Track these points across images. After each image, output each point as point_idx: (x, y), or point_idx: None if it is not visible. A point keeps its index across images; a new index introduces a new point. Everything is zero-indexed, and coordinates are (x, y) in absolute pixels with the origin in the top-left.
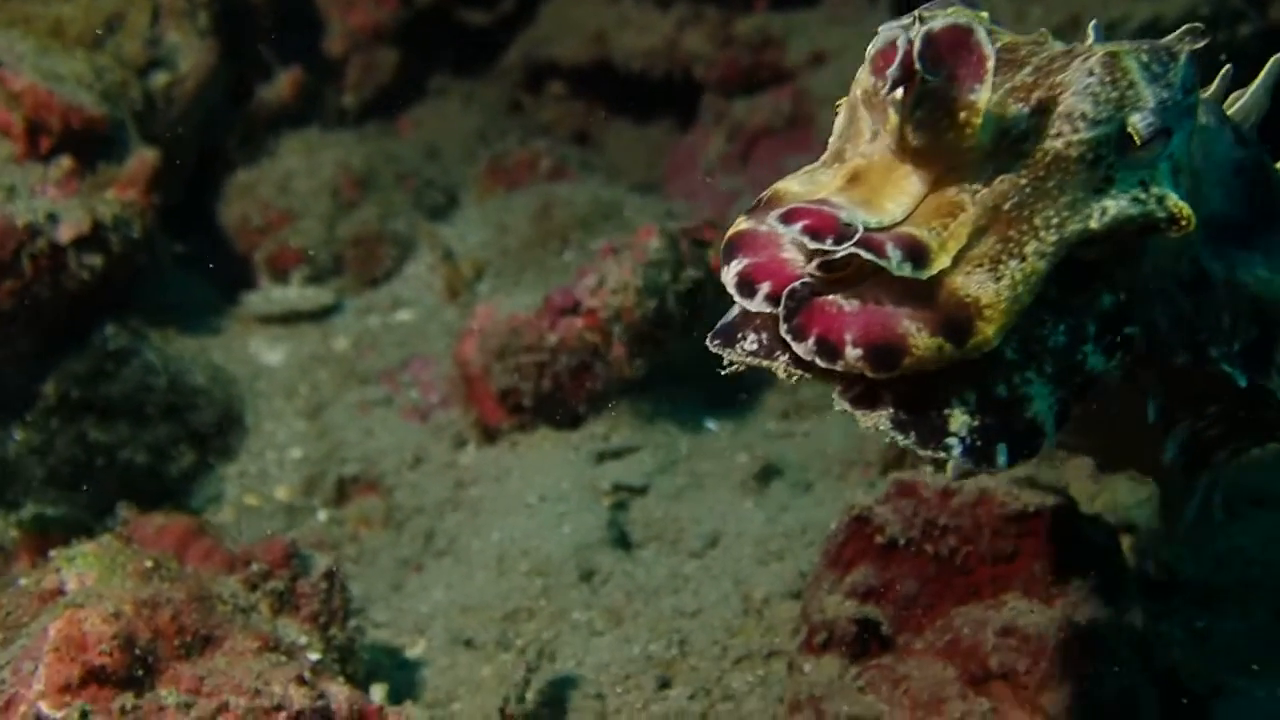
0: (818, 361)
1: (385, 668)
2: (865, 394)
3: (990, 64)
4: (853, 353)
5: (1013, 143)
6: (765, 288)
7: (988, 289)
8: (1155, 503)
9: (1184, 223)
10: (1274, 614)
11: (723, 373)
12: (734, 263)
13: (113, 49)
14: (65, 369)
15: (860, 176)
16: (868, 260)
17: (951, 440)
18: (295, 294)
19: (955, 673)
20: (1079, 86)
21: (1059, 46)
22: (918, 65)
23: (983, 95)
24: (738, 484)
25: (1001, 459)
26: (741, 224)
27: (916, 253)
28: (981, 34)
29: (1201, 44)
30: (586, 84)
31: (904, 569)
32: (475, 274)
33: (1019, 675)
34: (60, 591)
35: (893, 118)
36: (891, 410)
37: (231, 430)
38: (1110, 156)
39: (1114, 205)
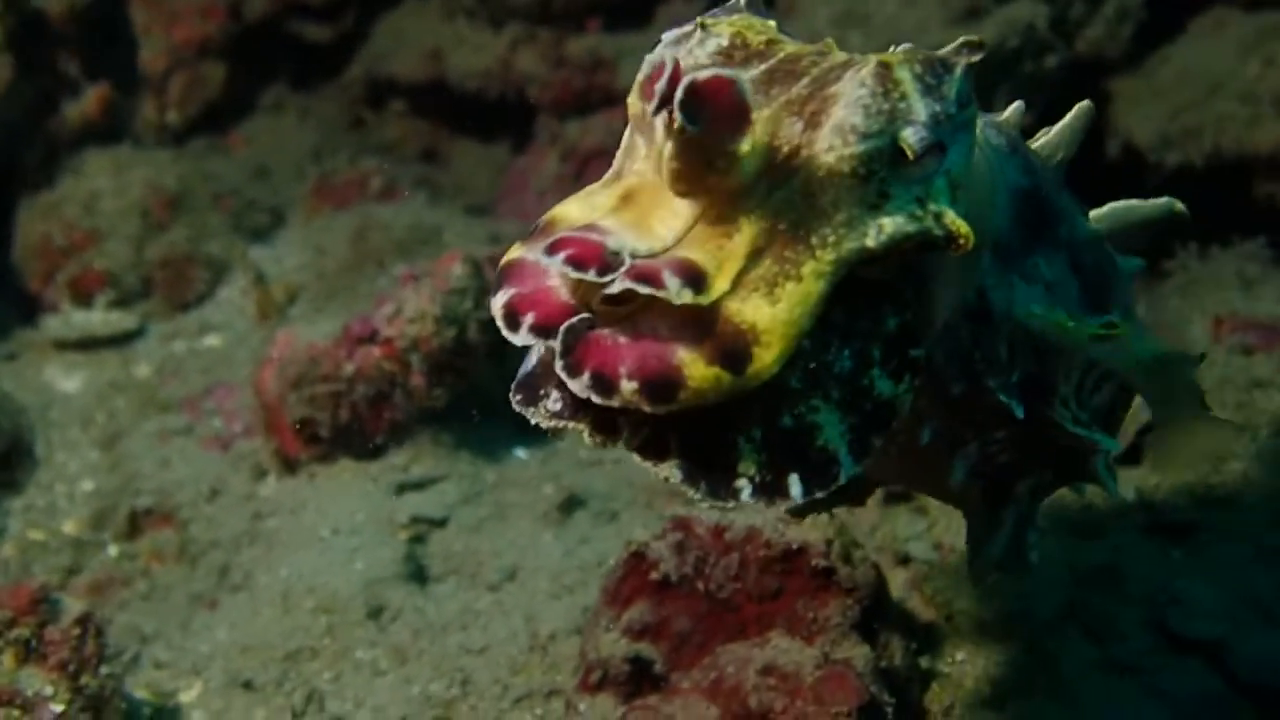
0: (593, 397)
1: (146, 716)
2: (652, 443)
3: (751, 117)
4: (628, 386)
5: (786, 158)
6: (530, 319)
7: (764, 314)
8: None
9: (962, 241)
10: (1029, 646)
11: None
12: (501, 293)
13: None
14: None
15: (633, 196)
16: (644, 293)
17: (741, 483)
18: (97, 318)
19: (718, 712)
20: (850, 98)
21: (841, 57)
22: (678, 117)
23: (742, 146)
24: (541, 515)
25: (795, 490)
26: (513, 252)
27: (694, 278)
28: (744, 86)
29: (978, 57)
30: (427, 101)
31: (678, 606)
32: (288, 299)
33: (776, 714)
34: None
35: (657, 149)
36: (679, 460)
37: (18, 462)
38: (883, 171)
39: (890, 222)
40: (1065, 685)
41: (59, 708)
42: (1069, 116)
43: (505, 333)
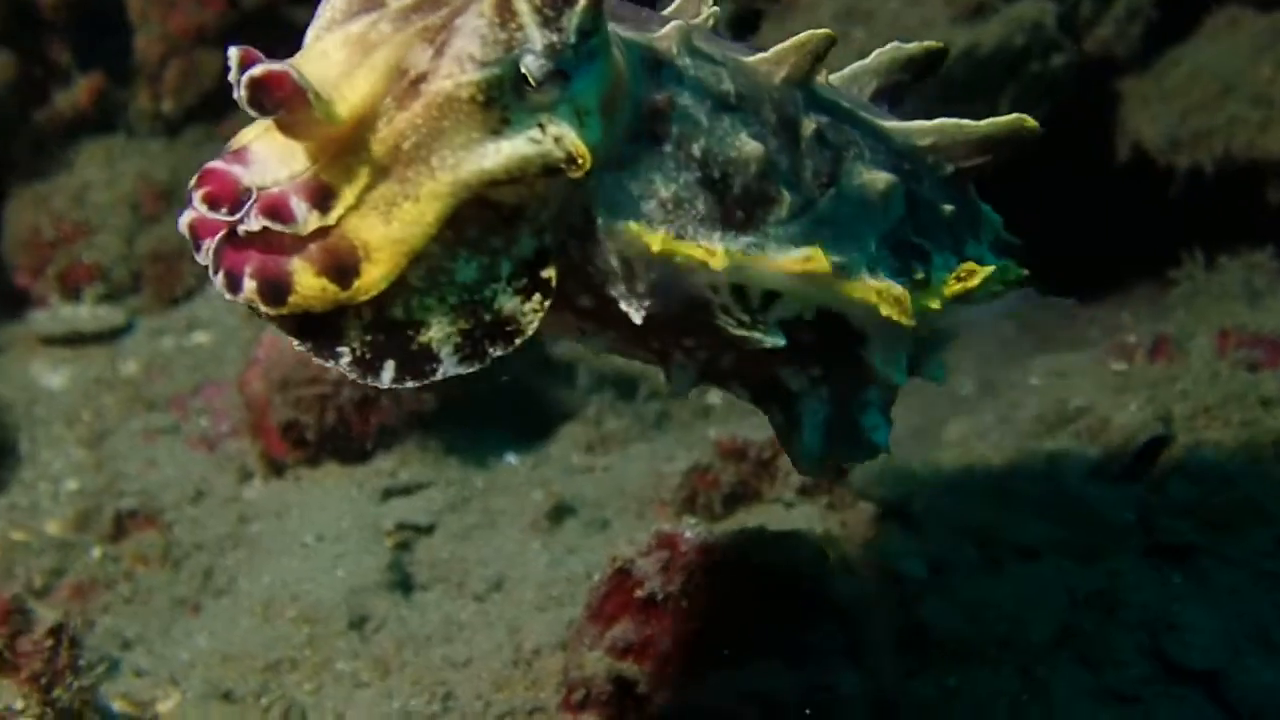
0: (225, 294)
1: None
2: (284, 319)
3: (308, 97)
4: (249, 285)
5: (411, 84)
6: (206, 244)
7: (377, 232)
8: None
9: (581, 160)
10: (1021, 671)
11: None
12: (182, 217)
13: None
14: None
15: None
16: (277, 229)
17: (343, 351)
18: (85, 313)
19: None
20: (469, 28)
21: None
22: (250, 110)
23: (315, 114)
24: (530, 523)
25: (387, 376)
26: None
27: (321, 197)
28: (302, 79)
29: None
30: None
31: (663, 626)
32: None
33: None
34: None
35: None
36: (295, 320)
37: (2, 460)
38: (505, 99)
39: (509, 146)
40: (1058, 713)
41: None
42: (791, 40)
43: (194, 253)
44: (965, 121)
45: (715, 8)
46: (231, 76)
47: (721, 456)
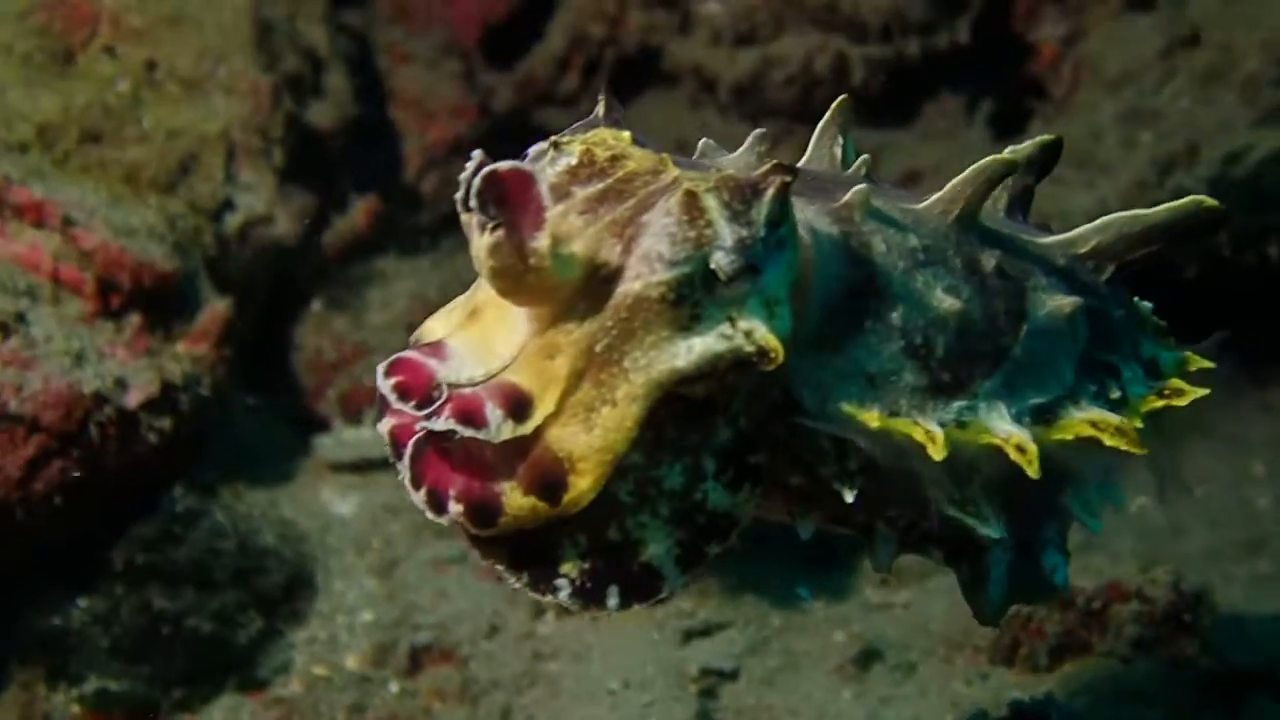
0: (428, 514)
1: None
2: (490, 542)
3: (546, 215)
4: (455, 508)
5: (603, 281)
6: (409, 449)
7: (580, 441)
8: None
9: (773, 355)
10: None
11: None
12: (382, 421)
13: (186, 193)
14: (132, 534)
15: (479, 312)
16: (467, 434)
17: (561, 582)
18: (368, 437)
19: None
20: (657, 227)
21: (669, 177)
22: (474, 204)
23: (542, 243)
24: (835, 667)
25: (613, 602)
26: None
27: (518, 405)
28: (541, 183)
29: (790, 179)
30: None
31: None
32: None
33: None
34: None
35: (474, 249)
36: (509, 549)
37: (300, 592)
38: (695, 295)
39: (700, 343)
40: None
41: None
42: (968, 171)
43: (393, 460)
44: (1137, 211)
45: (865, 156)
46: (464, 175)
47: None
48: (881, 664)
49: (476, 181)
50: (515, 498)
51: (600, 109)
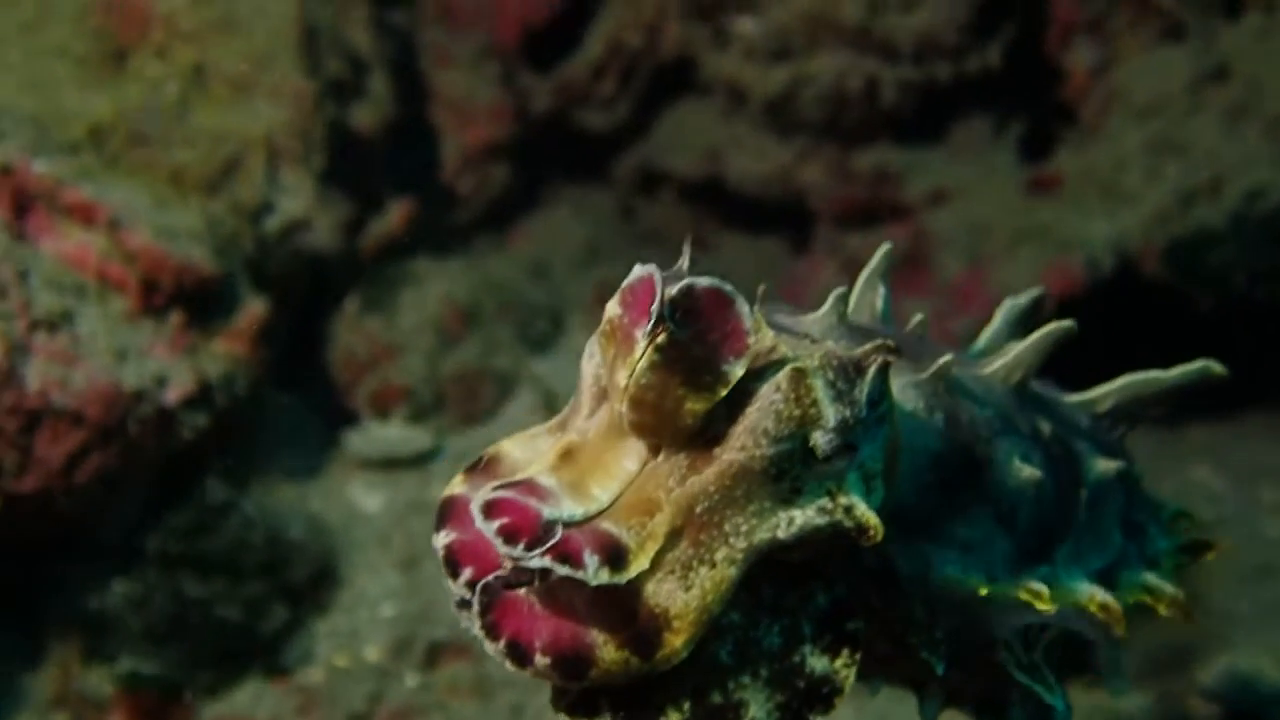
0: (508, 665)
1: None
2: (582, 702)
3: (750, 341)
4: (541, 661)
5: (709, 440)
6: (468, 573)
7: (677, 599)
8: None
9: (872, 532)
10: None
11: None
12: (442, 534)
13: (228, 195)
14: (167, 523)
15: (572, 454)
16: (562, 573)
17: None
18: (396, 434)
19: None
20: (764, 402)
21: (768, 344)
22: (666, 311)
23: (735, 370)
24: None
25: None
26: (456, 487)
27: (615, 555)
28: (744, 310)
29: (893, 358)
30: (700, 196)
31: None
32: None
33: None
34: None
35: (634, 355)
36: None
37: (325, 585)
38: (795, 469)
39: (801, 515)
40: None
41: None
42: (1032, 339)
43: (447, 578)
44: (1153, 375)
45: (920, 316)
46: (632, 282)
47: None
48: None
49: (675, 292)
50: (609, 650)
51: (685, 261)
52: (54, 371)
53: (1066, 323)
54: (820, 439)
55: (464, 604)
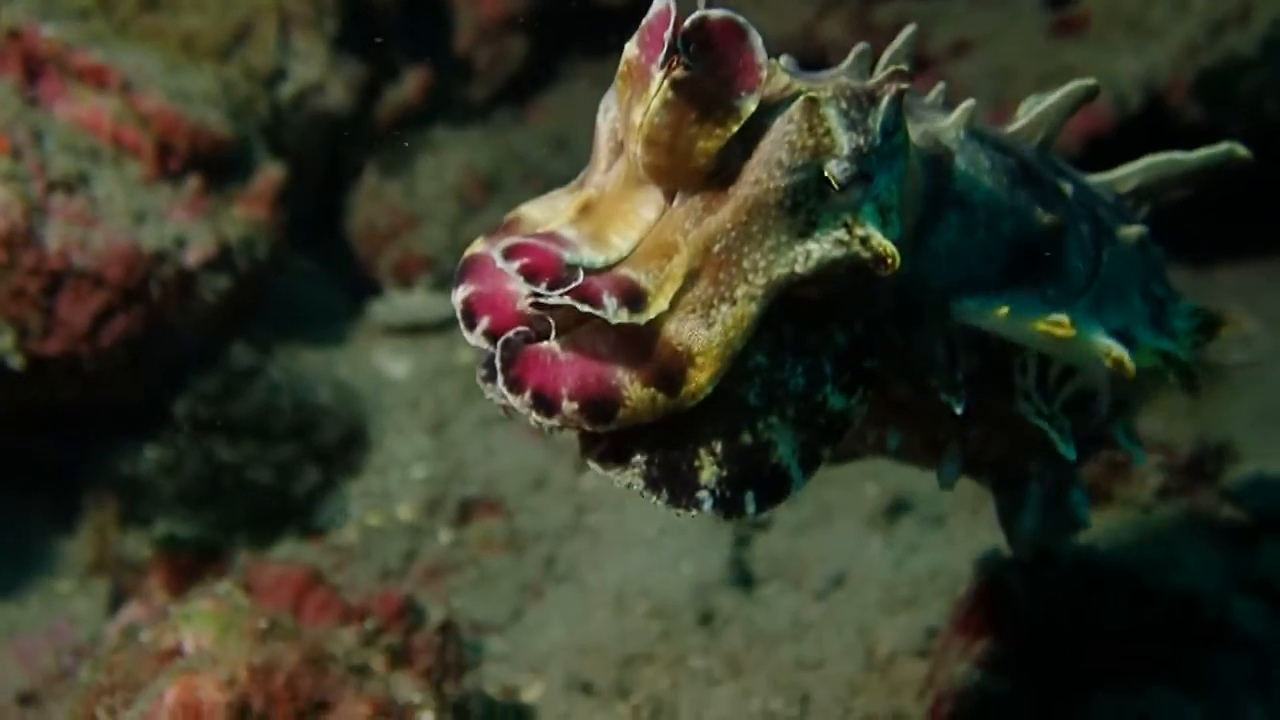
0: (534, 416)
1: (499, 718)
2: (613, 449)
3: (763, 75)
4: (569, 406)
5: (724, 180)
6: (485, 322)
7: (700, 336)
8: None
9: (890, 261)
10: None
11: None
12: (461, 289)
13: (241, 61)
14: (194, 389)
15: (592, 208)
16: (583, 310)
17: (703, 494)
18: (419, 303)
19: None
20: (777, 134)
21: (782, 81)
22: (679, 44)
23: (748, 105)
24: (865, 518)
25: (750, 508)
26: (476, 247)
27: (633, 298)
28: (757, 42)
29: (906, 85)
30: None
31: (1038, 643)
32: None
33: None
34: (178, 651)
35: (649, 93)
36: (643, 467)
37: (355, 447)
38: (811, 201)
39: (818, 248)
40: None
41: (429, 716)
42: (1053, 97)
43: (463, 329)
44: (1177, 155)
45: (941, 84)
46: (650, 20)
47: None
48: (911, 515)
49: (687, 24)
50: (635, 389)
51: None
52: (73, 233)
53: (1089, 81)
54: (835, 167)
55: (489, 376)
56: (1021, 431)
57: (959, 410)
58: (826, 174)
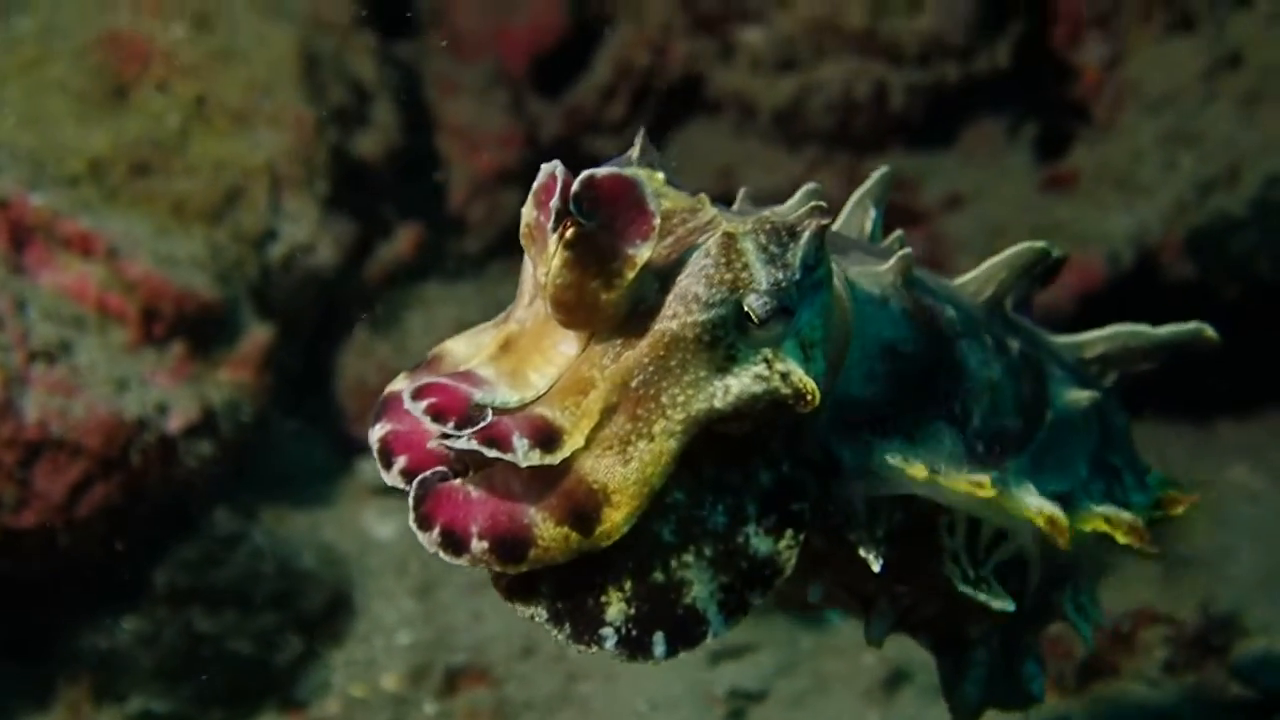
0: (442, 555)
1: None
2: (520, 581)
3: (655, 223)
4: (478, 545)
5: (641, 315)
6: (401, 462)
7: (615, 473)
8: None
9: (810, 397)
10: None
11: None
12: (378, 427)
13: (231, 224)
14: (175, 557)
15: (512, 343)
16: (491, 455)
17: (606, 631)
18: None
19: None
20: (694, 268)
21: (706, 217)
22: (571, 207)
23: (642, 253)
24: (863, 690)
25: (659, 649)
26: (397, 383)
27: (547, 437)
28: (647, 190)
29: (827, 221)
30: None
31: None
32: None
33: None
34: None
35: (546, 259)
36: (549, 600)
37: (339, 614)
38: (730, 336)
39: (737, 383)
40: None
41: None
42: (1004, 255)
43: (380, 469)
44: (1142, 328)
45: (899, 233)
46: (554, 199)
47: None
48: (911, 686)
49: (576, 185)
50: (547, 528)
51: (635, 150)
52: (53, 402)
53: (1041, 243)
54: (754, 301)
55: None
56: (953, 592)
57: (876, 568)
58: (746, 308)
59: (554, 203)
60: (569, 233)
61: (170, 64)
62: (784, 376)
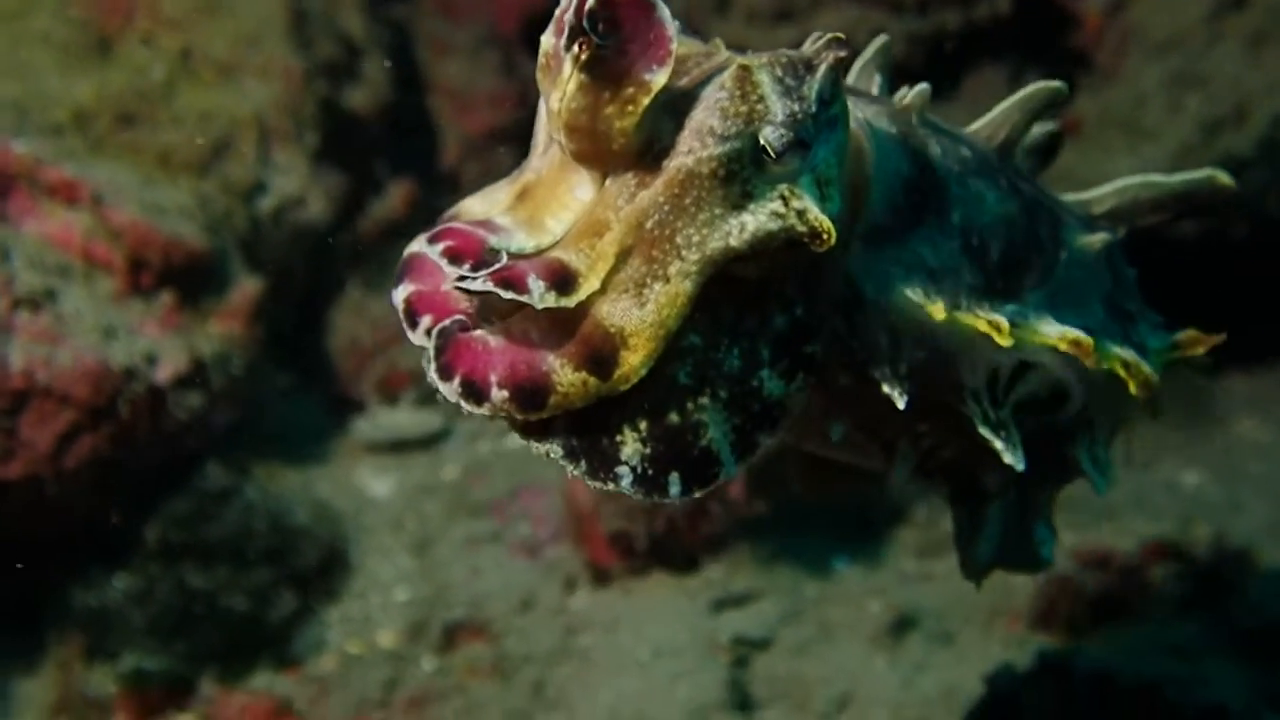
0: (464, 404)
1: None
2: (537, 422)
3: (673, 48)
4: (498, 394)
5: (656, 156)
6: (426, 320)
7: (632, 316)
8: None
9: (825, 236)
10: None
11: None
12: (401, 288)
13: (219, 175)
14: (166, 512)
15: (529, 192)
16: (506, 297)
17: (622, 470)
18: (404, 419)
19: None
20: (709, 102)
21: (721, 58)
22: (586, 23)
23: (658, 79)
24: (869, 637)
25: (674, 489)
26: (416, 244)
27: (563, 280)
28: (665, 14)
29: (844, 54)
30: None
31: None
32: None
33: None
34: None
35: (560, 86)
36: (564, 437)
37: (335, 571)
38: (746, 171)
39: (753, 221)
40: None
41: None
42: (1017, 95)
43: (405, 329)
44: (1154, 178)
45: (923, 85)
46: (568, 14)
47: (1081, 565)
48: (918, 632)
49: (592, 2)
50: (565, 374)
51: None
52: (38, 350)
53: (1056, 83)
54: (770, 133)
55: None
56: (973, 434)
57: (901, 404)
58: (762, 141)
59: (568, 17)
60: (584, 54)
61: (155, 16)
62: (800, 214)
